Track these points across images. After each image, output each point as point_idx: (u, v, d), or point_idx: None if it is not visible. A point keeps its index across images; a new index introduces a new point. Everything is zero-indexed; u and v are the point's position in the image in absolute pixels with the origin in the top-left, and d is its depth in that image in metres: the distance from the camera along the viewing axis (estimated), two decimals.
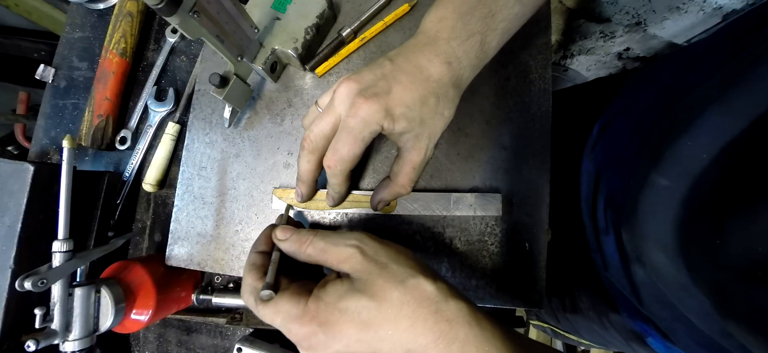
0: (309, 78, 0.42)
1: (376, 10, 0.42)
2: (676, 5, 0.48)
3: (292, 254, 0.29)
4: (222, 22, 0.31)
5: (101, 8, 0.54)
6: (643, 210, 0.33)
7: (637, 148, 0.37)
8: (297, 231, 0.29)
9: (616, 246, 0.39)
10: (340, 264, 0.26)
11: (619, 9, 0.54)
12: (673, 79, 0.39)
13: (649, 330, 0.43)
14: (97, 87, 0.49)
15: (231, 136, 0.42)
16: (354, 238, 0.27)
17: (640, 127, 0.38)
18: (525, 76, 0.41)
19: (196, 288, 0.47)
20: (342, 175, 0.31)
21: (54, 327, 0.34)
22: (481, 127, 0.40)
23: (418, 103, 0.28)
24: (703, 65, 0.35)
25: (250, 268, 0.28)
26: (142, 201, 0.51)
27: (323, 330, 0.24)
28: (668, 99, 0.37)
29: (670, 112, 0.34)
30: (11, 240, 0.38)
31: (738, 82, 0.26)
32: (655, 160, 0.31)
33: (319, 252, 0.27)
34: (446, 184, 0.39)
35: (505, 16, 0.30)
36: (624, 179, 0.37)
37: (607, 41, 0.60)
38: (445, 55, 0.29)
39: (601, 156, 0.44)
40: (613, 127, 0.44)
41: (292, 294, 0.25)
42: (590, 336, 0.58)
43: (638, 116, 0.40)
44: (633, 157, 0.37)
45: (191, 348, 0.50)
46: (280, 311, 0.25)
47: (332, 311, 0.24)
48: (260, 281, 0.27)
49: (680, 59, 0.42)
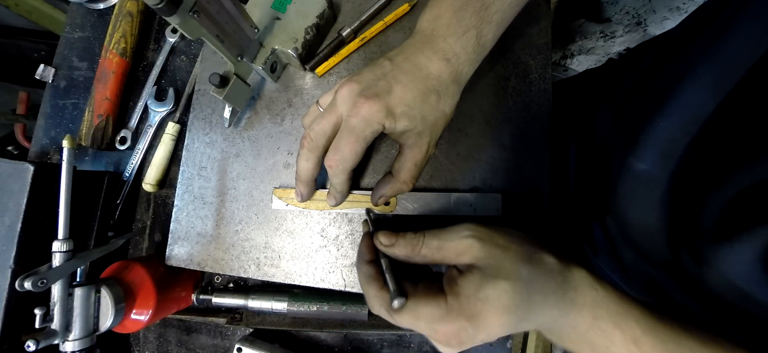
0: (309, 78, 0.42)
1: (376, 10, 0.42)
2: (676, 5, 0.48)
3: (404, 258, 0.29)
4: (222, 22, 0.31)
5: (101, 8, 0.54)
6: (623, 195, 0.33)
7: (618, 133, 0.37)
8: (402, 235, 0.29)
9: (602, 231, 0.39)
10: (458, 257, 0.26)
11: (619, 9, 0.54)
12: (650, 62, 0.39)
13: None
14: (97, 87, 0.49)
15: (231, 136, 0.42)
16: (466, 229, 0.27)
17: (620, 112, 0.39)
18: (525, 76, 0.41)
19: (196, 288, 0.47)
20: (344, 173, 0.31)
21: (54, 327, 0.34)
22: (481, 127, 0.40)
23: (419, 101, 0.29)
24: (676, 46, 0.35)
25: (368, 281, 0.28)
26: (142, 201, 0.51)
27: (472, 324, 0.24)
28: (645, 81, 0.37)
29: (645, 94, 0.34)
30: (11, 240, 0.38)
31: (705, 58, 0.26)
32: (632, 144, 0.31)
33: (434, 251, 0.27)
34: (446, 184, 0.39)
35: (499, 6, 0.30)
36: (605, 164, 0.37)
37: (607, 41, 0.60)
38: (442, 52, 0.29)
39: (586, 143, 0.44)
40: (597, 114, 0.45)
41: (427, 297, 0.25)
42: None
43: (619, 102, 0.40)
44: (614, 143, 0.37)
45: (191, 348, 0.50)
46: (422, 315, 0.25)
47: (475, 303, 0.24)
48: (383, 291, 0.27)
49: (659, 43, 0.42)
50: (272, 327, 0.46)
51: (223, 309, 0.48)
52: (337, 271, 0.38)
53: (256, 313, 0.46)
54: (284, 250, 0.39)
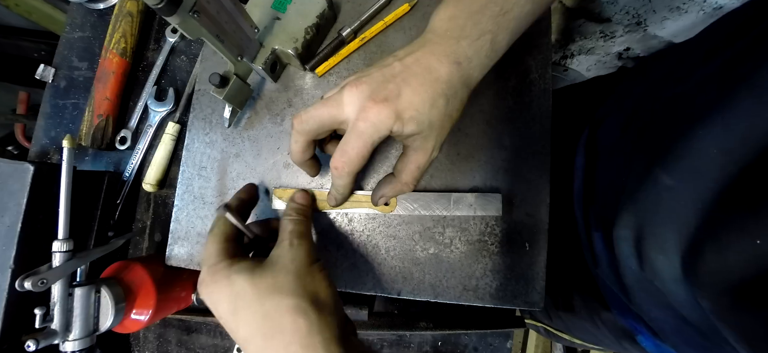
0: (309, 78, 0.42)
1: (376, 10, 0.42)
2: (676, 5, 0.48)
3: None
4: (222, 22, 0.31)
5: (101, 8, 0.54)
6: (642, 208, 0.32)
7: (632, 143, 0.37)
8: None
9: (604, 243, 0.39)
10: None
11: (619, 9, 0.54)
12: (664, 72, 0.38)
13: (640, 327, 0.43)
14: (97, 87, 0.49)
15: (231, 136, 0.42)
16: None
17: (633, 122, 0.38)
18: (525, 76, 0.41)
19: (196, 288, 0.47)
20: (349, 176, 0.30)
21: (54, 327, 0.34)
22: (481, 126, 0.40)
23: (428, 105, 0.28)
24: (695, 57, 0.35)
25: None
26: (142, 201, 0.51)
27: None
28: (660, 92, 0.36)
29: (667, 105, 0.33)
30: (11, 240, 0.38)
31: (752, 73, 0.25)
32: (658, 156, 0.30)
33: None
34: (446, 184, 0.39)
35: (517, 14, 0.30)
36: (619, 175, 0.36)
37: (607, 41, 0.60)
38: (454, 55, 0.28)
39: (593, 151, 0.44)
40: (605, 123, 0.44)
41: None
42: (583, 334, 0.58)
43: (630, 110, 0.40)
44: (630, 153, 0.36)
45: (191, 348, 0.50)
46: None
47: None
48: None
49: (670, 54, 0.42)
50: None
51: None
52: (337, 271, 0.38)
53: None
54: None
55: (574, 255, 0.48)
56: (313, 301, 0.27)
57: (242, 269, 0.28)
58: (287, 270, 0.28)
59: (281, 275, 0.27)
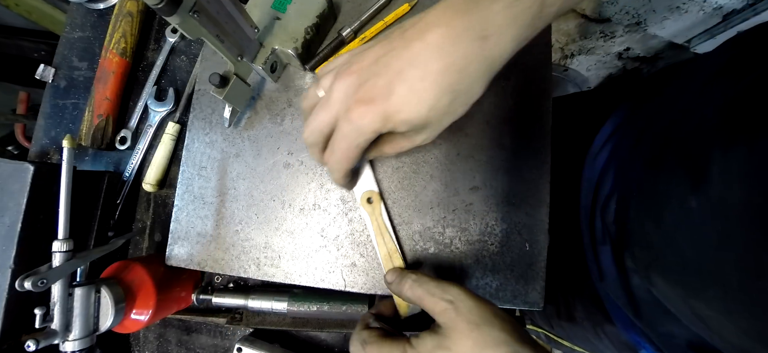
0: (309, 78, 0.42)
1: (376, 10, 0.42)
2: (676, 5, 0.48)
3: (396, 293, 0.31)
4: (222, 22, 0.31)
5: (101, 8, 0.54)
6: (662, 229, 0.30)
7: (648, 160, 0.34)
8: (401, 271, 0.31)
9: (613, 257, 0.38)
10: (435, 315, 0.27)
11: (619, 9, 0.54)
12: (678, 88, 0.37)
13: (643, 342, 0.42)
14: (97, 87, 0.49)
15: (231, 136, 0.42)
16: (450, 293, 0.27)
17: (646, 138, 0.37)
18: (525, 76, 0.40)
19: (196, 288, 0.47)
20: (339, 173, 0.29)
21: (54, 327, 0.34)
22: (481, 126, 0.40)
23: (426, 107, 0.24)
24: (708, 72, 0.33)
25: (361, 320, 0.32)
26: (142, 201, 0.51)
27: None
28: (674, 109, 0.35)
29: (682, 125, 0.31)
30: (11, 240, 0.38)
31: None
32: (686, 177, 0.27)
33: (417, 299, 0.28)
34: (446, 184, 0.39)
35: None
36: (639, 194, 0.34)
37: (607, 41, 0.60)
38: (480, 26, 0.22)
39: (604, 165, 0.43)
40: (617, 137, 0.43)
41: (395, 340, 0.28)
42: (583, 344, 0.58)
43: (642, 125, 0.38)
44: (648, 171, 0.34)
45: (191, 348, 0.50)
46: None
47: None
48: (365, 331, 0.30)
49: (683, 70, 0.40)
50: (272, 327, 0.46)
51: (223, 309, 0.48)
52: (337, 271, 0.38)
53: (256, 313, 0.46)
54: (284, 250, 0.39)
55: (578, 266, 0.47)
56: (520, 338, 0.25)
57: None
58: None
59: None
